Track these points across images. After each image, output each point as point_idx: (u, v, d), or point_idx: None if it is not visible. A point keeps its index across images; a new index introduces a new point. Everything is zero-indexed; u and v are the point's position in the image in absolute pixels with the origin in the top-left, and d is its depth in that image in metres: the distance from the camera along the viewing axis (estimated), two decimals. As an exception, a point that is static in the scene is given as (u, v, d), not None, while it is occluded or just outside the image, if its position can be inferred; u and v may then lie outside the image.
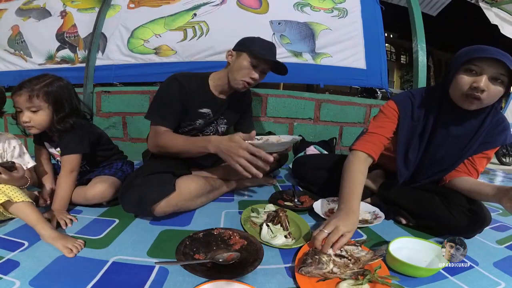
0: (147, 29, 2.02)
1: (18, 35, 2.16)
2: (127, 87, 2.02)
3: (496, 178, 2.35)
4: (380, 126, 1.00)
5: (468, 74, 0.81)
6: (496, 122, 0.90)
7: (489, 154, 0.94)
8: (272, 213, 0.92)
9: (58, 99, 0.94)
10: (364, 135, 1.02)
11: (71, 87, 1.00)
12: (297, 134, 1.98)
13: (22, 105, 0.90)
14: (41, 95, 0.90)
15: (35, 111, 0.91)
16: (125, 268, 0.66)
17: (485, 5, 2.64)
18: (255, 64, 1.11)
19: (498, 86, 0.79)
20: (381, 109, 1.04)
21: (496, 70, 0.77)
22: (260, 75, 1.14)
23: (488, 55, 0.76)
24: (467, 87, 0.81)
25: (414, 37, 1.90)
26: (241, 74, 1.11)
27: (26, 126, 0.93)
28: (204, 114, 1.19)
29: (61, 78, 0.98)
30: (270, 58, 1.12)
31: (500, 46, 0.79)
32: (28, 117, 0.91)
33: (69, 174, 0.98)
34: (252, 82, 1.13)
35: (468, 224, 0.85)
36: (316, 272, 0.63)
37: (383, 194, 1.09)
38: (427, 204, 0.95)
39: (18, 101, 0.90)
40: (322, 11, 2.10)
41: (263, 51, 1.10)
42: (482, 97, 0.79)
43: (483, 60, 0.77)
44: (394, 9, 2.74)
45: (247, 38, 1.16)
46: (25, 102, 0.89)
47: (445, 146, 0.94)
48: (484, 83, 0.77)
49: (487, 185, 0.85)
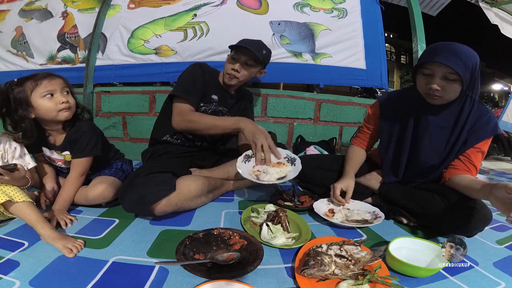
0: (147, 29, 2.02)
1: (21, 36, 2.17)
2: (127, 87, 2.02)
3: (496, 178, 2.34)
4: (367, 125, 1.18)
5: (424, 76, 0.90)
6: (480, 114, 0.94)
7: (482, 148, 0.95)
8: (272, 213, 0.92)
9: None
10: (357, 132, 1.23)
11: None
12: (297, 134, 1.98)
13: (56, 87, 0.92)
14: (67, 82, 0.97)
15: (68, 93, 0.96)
16: (125, 268, 0.66)
17: (485, 5, 2.64)
18: (234, 56, 1.21)
19: (452, 83, 0.85)
20: (368, 109, 1.19)
21: (445, 70, 0.84)
22: (242, 66, 1.22)
23: (434, 59, 0.84)
24: (424, 87, 0.90)
25: (414, 37, 1.90)
26: (226, 68, 1.25)
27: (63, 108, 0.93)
28: (212, 100, 1.27)
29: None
30: (239, 44, 1.20)
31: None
32: (64, 98, 0.93)
33: (79, 178, 0.99)
34: (233, 73, 1.21)
35: (469, 222, 0.85)
36: (318, 274, 0.63)
37: (383, 194, 1.09)
38: (428, 204, 0.95)
39: (54, 84, 0.92)
40: (321, 11, 2.10)
41: (241, 43, 1.20)
42: (440, 95, 0.87)
43: (432, 63, 0.85)
44: (394, 9, 2.74)
45: None
46: (61, 84, 0.94)
47: (428, 140, 0.98)
48: (437, 83, 0.86)
49: (477, 182, 0.85)
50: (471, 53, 0.84)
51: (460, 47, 0.85)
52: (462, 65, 0.82)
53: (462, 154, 0.95)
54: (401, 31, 16.75)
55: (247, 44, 1.19)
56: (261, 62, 1.24)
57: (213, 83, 1.28)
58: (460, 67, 0.81)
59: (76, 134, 0.99)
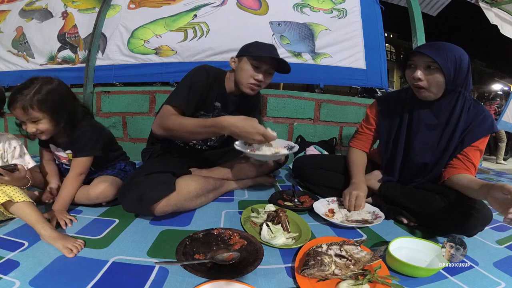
0: (147, 29, 2.02)
1: (22, 36, 2.17)
2: (127, 87, 2.02)
3: (496, 178, 2.34)
4: (366, 126, 1.18)
5: (410, 69, 0.95)
6: (476, 113, 0.96)
7: (479, 146, 0.96)
8: (272, 213, 0.92)
9: (52, 108, 0.90)
10: (356, 133, 1.23)
11: (63, 87, 0.96)
12: (297, 134, 1.98)
13: (21, 118, 0.89)
14: (35, 107, 0.87)
15: (36, 121, 0.90)
16: (125, 268, 0.66)
17: (485, 5, 2.64)
18: (256, 65, 1.11)
19: (434, 73, 0.90)
20: (367, 109, 1.18)
21: (425, 59, 0.89)
22: (265, 75, 1.14)
23: (416, 49, 0.91)
24: (411, 79, 0.95)
25: (414, 37, 1.90)
26: (245, 77, 1.13)
27: (36, 136, 0.94)
28: (215, 107, 1.20)
29: (50, 80, 0.93)
30: (268, 55, 1.12)
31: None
32: (32, 127, 0.90)
33: (78, 177, 0.98)
34: (257, 83, 1.13)
35: (469, 222, 0.85)
36: (318, 274, 0.63)
37: (383, 193, 1.09)
38: (428, 203, 0.95)
39: (17, 115, 0.89)
40: (321, 11, 2.10)
41: (262, 51, 1.12)
42: (424, 85, 0.92)
43: (415, 54, 0.92)
44: (394, 9, 2.74)
45: (247, 44, 1.17)
46: (23, 115, 0.87)
47: (421, 138, 1.00)
48: (419, 73, 0.91)
49: (476, 182, 0.86)
50: (456, 49, 0.90)
51: (445, 43, 0.91)
52: (442, 55, 0.86)
53: (460, 153, 0.96)
54: (401, 31, 16.74)
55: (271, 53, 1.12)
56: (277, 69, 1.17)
57: (217, 87, 1.18)
58: (440, 57, 0.86)
59: (77, 133, 0.99)
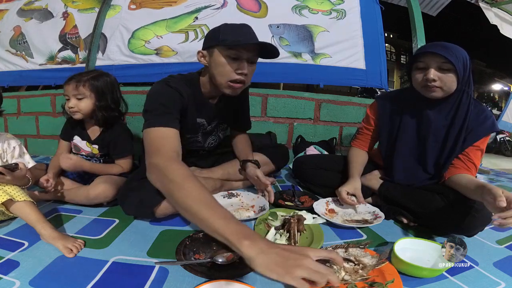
0: (148, 30, 2.02)
1: (20, 35, 2.17)
2: (127, 87, 2.02)
3: (496, 178, 2.34)
4: (366, 126, 1.18)
5: (419, 70, 0.92)
6: (478, 112, 0.95)
7: (480, 146, 0.95)
8: (289, 219, 0.88)
9: (101, 90, 1.06)
10: (357, 134, 1.23)
11: (117, 83, 1.14)
12: (297, 134, 1.98)
13: (69, 93, 1.03)
14: (86, 85, 1.03)
15: (80, 99, 1.03)
16: (125, 268, 0.66)
17: (485, 5, 2.64)
18: (234, 55, 0.86)
19: (448, 73, 0.88)
20: (367, 109, 1.18)
21: (438, 60, 0.87)
22: (248, 66, 0.90)
23: (426, 50, 0.89)
24: (421, 80, 0.92)
25: (414, 37, 1.90)
26: (224, 75, 0.89)
27: (72, 111, 1.05)
28: (199, 125, 1.05)
29: (108, 74, 1.12)
30: (249, 42, 0.87)
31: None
32: (73, 103, 1.03)
33: (120, 170, 1.11)
34: (241, 78, 0.89)
35: (469, 222, 0.85)
36: None
37: (383, 193, 1.09)
38: (428, 203, 0.95)
39: (67, 89, 1.03)
40: (320, 13, 2.11)
41: (238, 36, 0.86)
42: (438, 85, 0.89)
43: (426, 55, 0.89)
44: (394, 9, 2.74)
45: (213, 29, 0.92)
46: (73, 90, 1.02)
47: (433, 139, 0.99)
48: (432, 74, 0.88)
49: (473, 183, 0.85)
50: (461, 49, 0.90)
51: (450, 43, 0.90)
52: (454, 55, 0.86)
53: (461, 153, 0.96)
54: (401, 31, 16.76)
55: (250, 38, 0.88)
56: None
57: (193, 101, 0.96)
58: (452, 57, 0.85)
59: (112, 136, 1.11)
